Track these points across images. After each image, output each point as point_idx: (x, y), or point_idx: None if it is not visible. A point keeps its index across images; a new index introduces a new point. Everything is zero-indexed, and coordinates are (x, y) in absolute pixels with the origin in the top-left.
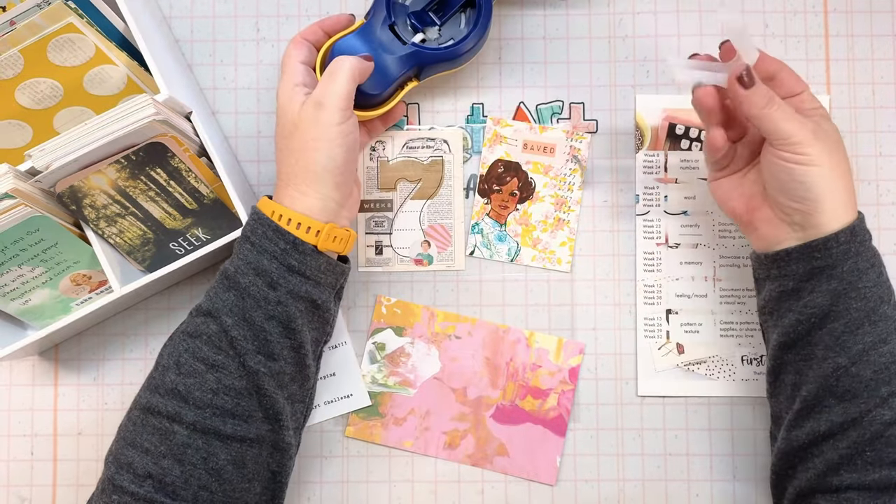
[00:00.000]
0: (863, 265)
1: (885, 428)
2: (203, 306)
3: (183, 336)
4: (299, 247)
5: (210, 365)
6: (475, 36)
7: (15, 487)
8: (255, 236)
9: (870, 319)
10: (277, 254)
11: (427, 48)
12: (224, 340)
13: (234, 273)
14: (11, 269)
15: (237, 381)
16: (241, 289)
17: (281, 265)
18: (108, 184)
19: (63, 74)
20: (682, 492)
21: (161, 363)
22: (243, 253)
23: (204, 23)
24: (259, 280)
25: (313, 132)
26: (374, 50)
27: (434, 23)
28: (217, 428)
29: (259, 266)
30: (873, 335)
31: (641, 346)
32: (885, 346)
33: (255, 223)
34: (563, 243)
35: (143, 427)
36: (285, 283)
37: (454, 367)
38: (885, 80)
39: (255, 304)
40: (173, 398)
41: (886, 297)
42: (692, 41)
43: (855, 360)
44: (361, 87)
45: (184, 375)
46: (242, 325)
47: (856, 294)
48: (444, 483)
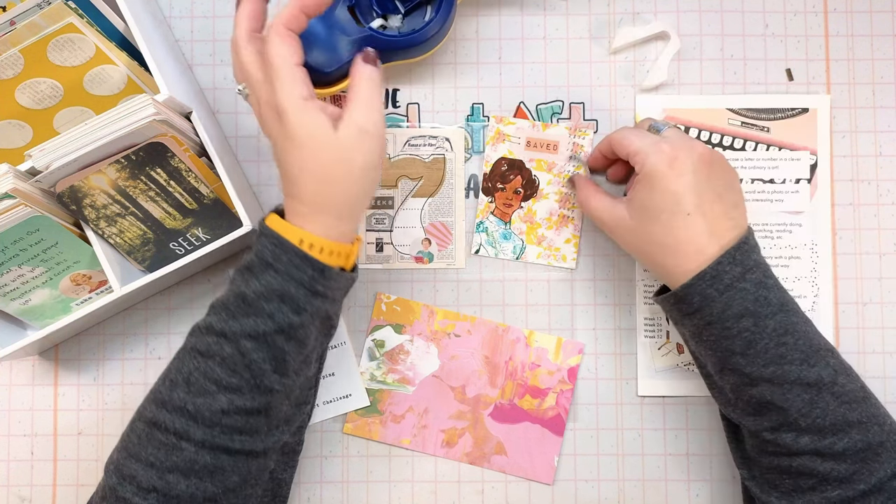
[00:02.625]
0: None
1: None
2: (216, 326)
3: (193, 353)
4: (326, 272)
5: (223, 387)
6: (431, 28)
7: (15, 487)
8: (279, 263)
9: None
10: (305, 281)
11: (381, 34)
12: (240, 363)
13: (255, 299)
14: (11, 268)
15: (249, 402)
16: (264, 314)
17: (308, 291)
18: (109, 184)
19: (63, 74)
20: (682, 492)
21: (169, 377)
22: (266, 279)
23: (204, 23)
24: (285, 306)
25: (361, 161)
26: (329, 28)
27: (398, 10)
28: (225, 445)
29: (286, 293)
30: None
31: (641, 346)
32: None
33: (277, 250)
34: (568, 240)
35: (148, 441)
36: (310, 307)
37: (453, 366)
38: (885, 80)
39: (279, 329)
40: (181, 416)
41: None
42: (692, 41)
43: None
44: (311, 64)
45: (193, 394)
46: (263, 349)
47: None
48: (444, 483)
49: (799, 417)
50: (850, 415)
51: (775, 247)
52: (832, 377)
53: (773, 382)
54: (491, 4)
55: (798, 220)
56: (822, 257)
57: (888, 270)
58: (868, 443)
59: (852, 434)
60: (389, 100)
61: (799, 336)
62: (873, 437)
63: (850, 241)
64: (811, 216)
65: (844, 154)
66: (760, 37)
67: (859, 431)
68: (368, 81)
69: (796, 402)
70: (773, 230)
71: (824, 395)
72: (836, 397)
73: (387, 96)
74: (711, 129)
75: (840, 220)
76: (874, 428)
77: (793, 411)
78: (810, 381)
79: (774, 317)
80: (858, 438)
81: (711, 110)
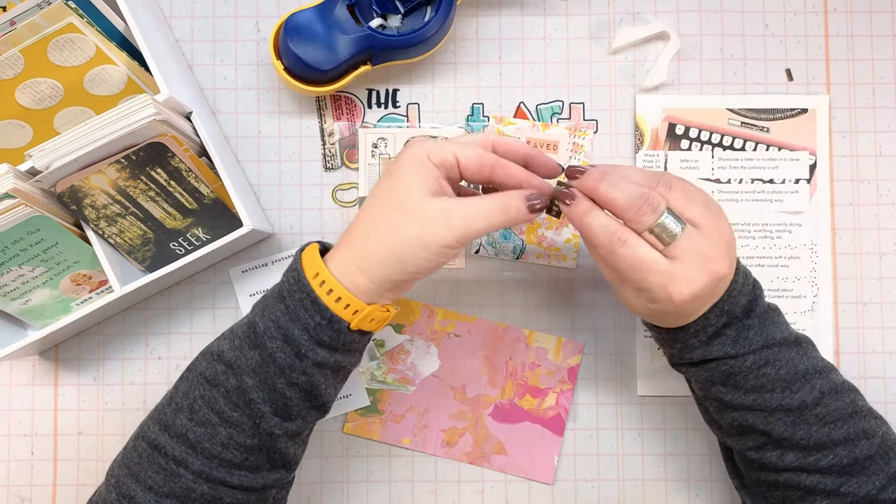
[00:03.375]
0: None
1: (779, 474)
2: (226, 355)
3: (201, 379)
4: (335, 325)
5: (224, 420)
6: (431, 28)
7: (15, 487)
8: (290, 300)
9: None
10: (310, 327)
11: (380, 33)
12: (242, 400)
13: (262, 333)
14: (12, 268)
15: (249, 439)
16: (267, 352)
17: (311, 338)
18: (109, 184)
19: (63, 74)
20: (682, 492)
21: (175, 400)
22: (275, 314)
23: (204, 23)
24: (287, 347)
25: (422, 233)
26: (328, 27)
27: (397, 10)
28: (223, 479)
29: (289, 334)
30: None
31: (641, 346)
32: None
33: (294, 283)
34: (569, 240)
35: (148, 463)
36: (314, 355)
37: (453, 365)
38: (885, 80)
39: (279, 371)
40: (182, 443)
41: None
42: (692, 41)
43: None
44: (309, 62)
45: (195, 423)
46: (262, 389)
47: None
48: (444, 483)
49: (782, 439)
50: (834, 433)
51: (775, 247)
52: (816, 399)
53: (754, 409)
54: (491, 4)
55: (798, 220)
56: (821, 257)
57: (888, 270)
58: (854, 458)
59: (837, 451)
60: (389, 99)
61: (780, 365)
62: (860, 452)
63: (849, 241)
64: (811, 216)
65: (844, 154)
66: (760, 37)
67: (845, 448)
68: (501, 206)
69: (778, 426)
70: (773, 230)
71: (807, 418)
72: (820, 419)
73: (387, 96)
74: (711, 129)
75: (840, 220)
76: (861, 443)
77: (775, 434)
78: (792, 407)
79: (755, 353)
80: (844, 454)
81: (711, 110)
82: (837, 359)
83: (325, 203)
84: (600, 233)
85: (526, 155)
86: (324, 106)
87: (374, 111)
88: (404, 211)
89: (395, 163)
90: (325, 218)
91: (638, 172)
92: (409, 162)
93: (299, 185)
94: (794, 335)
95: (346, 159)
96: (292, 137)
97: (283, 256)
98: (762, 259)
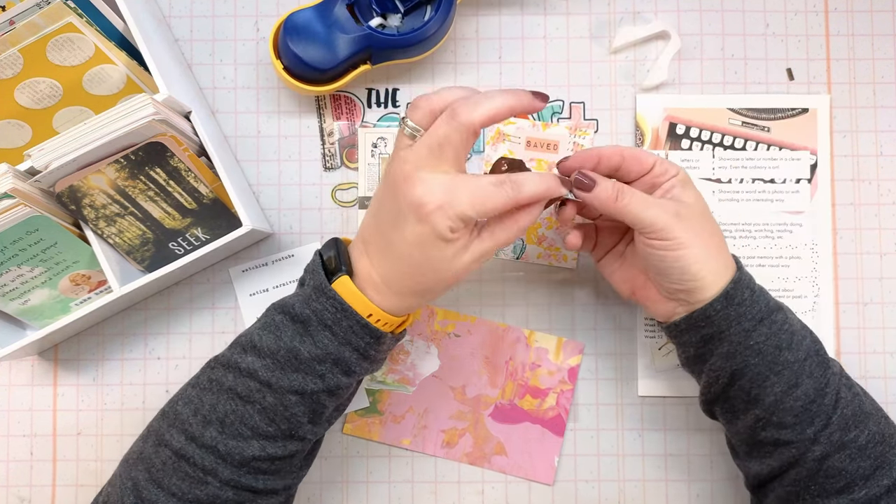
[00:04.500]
0: (748, 324)
1: (820, 463)
2: (261, 375)
3: (232, 395)
4: (381, 340)
5: (258, 434)
6: (431, 27)
7: (14, 487)
8: (338, 328)
9: (773, 370)
10: (361, 347)
11: (380, 33)
12: (281, 415)
13: (308, 359)
14: (11, 268)
15: (281, 450)
16: (314, 374)
17: (361, 356)
18: (108, 183)
19: (62, 74)
20: (682, 492)
21: (201, 412)
22: (322, 342)
23: (204, 22)
24: (336, 369)
25: (461, 265)
26: (328, 26)
27: (397, 9)
28: (250, 485)
29: (340, 357)
30: (781, 384)
31: (641, 346)
32: (796, 389)
33: (339, 314)
34: None
35: (174, 471)
36: (360, 369)
37: (453, 366)
38: (885, 80)
39: (326, 389)
40: (211, 454)
41: (786, 343)
42: (693, 40)
43: (773, 411)
44: (308, 61)
45: (227, 437)
46: (305, 404)
47: (750, 352)
48: (444, 483)
49: (832, 413)
50: (863, 405)
51: (775, 247)
52: (840, 370)
53: (815, 377)
54: (491, 4)
55: (798, 220)
56: (822, 257)
57: (889, 270)
58: (882, 434)
59: (870, 425)
60: (389, 99)
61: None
62: (885, 428)
63: (850, 240)
64: (811, 216)
65: (845, 154)
66: (761, 36)
67: (875, 423)
68: (520, 227)
69: (828, 403)
70: (774, 230)
71: (842, 391)
72: (849, 388)
73: (387, 96)
74: (712, 129)
75: (840, 220)
76: (882, 420)
77: (827, 409)
78: (837, 371)
79: (806, 340)
80: (875, 430)
81: (712, 110)
82: (838, 359)
83: (325, 203)
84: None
85: (509, 110)
86: (323, 105)
87: (373, 111)
88: (448, 269)
89: (423, 236)
90: (324, 218)
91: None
92: (437, 240)
93: (299, 185)
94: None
95: (345, 159)
96: (292, 137)
97: (283, 256)
98: (763, 259)
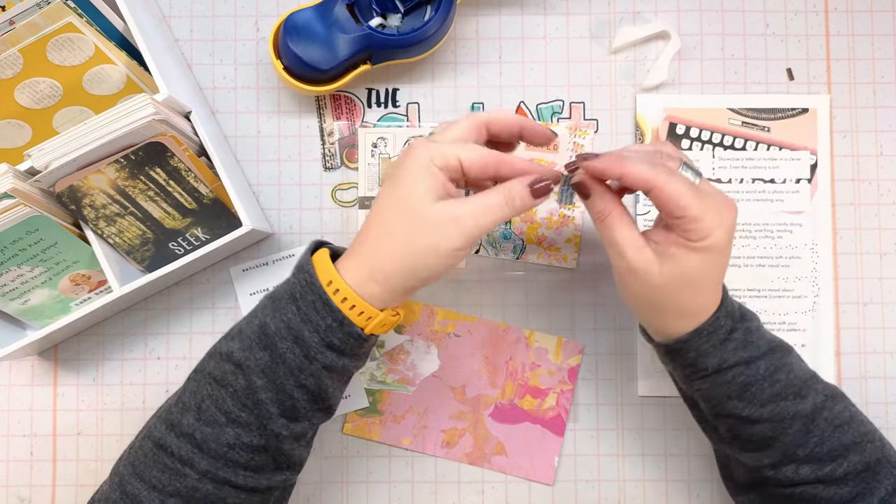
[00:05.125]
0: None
1: (791, 488)
2: (235, 355)
3: (209, 379)
4: (346, 328)
5: (232, 420)
6: (430, 27)
7: (14, 487)
8: (302, 301)
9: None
10: (321, 329)
11: (380, 33)
12: (250, 400)
13: (273, 333)
14: (11, 268)
15: (256, 439)
16: (276, 353)
17: (322, 340)
18: (108, 183)
19: (62, 74)
20: (682, 492)
21: (182, 399)
22: (287, 315)
23: (203, 22)
24: (297, 349)
25: (431, 240)
26: (328, 26)
27: (397, 9)
28: (228, 478)
29: (300, 335)
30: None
31: (641, 346)
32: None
33: (305, 286)
34: (569, 240)
35: (154, 462)
36: (322, 357)
37: (453, 366)
38: (885, 80)
39: (289, 372)
40: (188, 443)
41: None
42: (693, 40)
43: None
44: (308, 61)
45: (203, 423)
46: (271, 389)
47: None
48: (444, 483)
49: (797, 449)
50: (844, 438)
51: (775, 247)
52: (822, 403)
53: (771, 420)
54: (491, 4)
55: (798, 220)
56: (822, 257)
57: (889, 270)
58: (866, 462)
59: (850, 457)
60: (389, 99)
61: (789, 370)
62: (870, 456)
63: (850, 240)
64: (811, 216)
65: (845, 154)
66: (761, 36)
67: (856, 453)
68: (509, 194)
69: (795, 436)
70: (774, 230)
71: (819, 423)
72: (829, 422)
73: (387, 96)
74: (712, 129)
75: (840, 220)
76: (868, 446)
77: (792, 445)
78: (805, 413)
79: (764, 358)
80: (857, 460)
81: (712, 110)
82: (838, 359)
83: (325, 203)
84: (648, 168)
85: (520, 126)
86: (323, 105)
87: (373, 111)
88: (415, 220)
89: (399, 168)
90: (324, 217)
91: (640, 146)
92: (414, 169)
93: (299, 185)
94: (779, 339)
95: (345, 159)
96: (292, 137)
97: (284, 256)
98: (763, 259)
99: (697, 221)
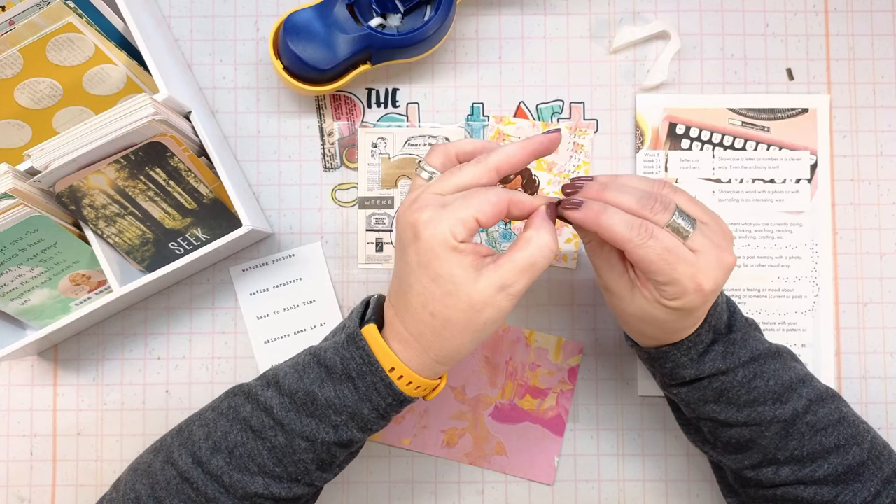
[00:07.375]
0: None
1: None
2: (276, 413)
3: (245, 427)
4: (405, 403)
5: (265, 472)
6: (430, 27)
7: (14, 487)
8: (360, 381)
9: None
10: (382, 408)
11: (380, 33)
12: (288, 459)
13: (325, 406)
14: (11, 268)
15: (285, 492)
16: (328, 424)
17: (380, 416)
18: (108, 183)
19: (62, 74)
20: (682, 492)
21: (213, 438)
22: (342, 393)
23: (203, 22)
24: (352, 424)
25: (487, 317)
26: (328, 26)
27: (397, 9)
28: None
29: (357, 412)
30: None
31: None
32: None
33: (363, 365)
34: (569, 240)
35: (176, 492)
36: (376, 426)
37: (453, 366)
38: (885, 80)
39: (339, 440)
40: (216, 483)
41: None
42: (692, 40)
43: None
44: (308, 61)
45: (233, 468)
46: (314, 451)
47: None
48: (443, 483)
49: (777, 452)
50: (826, 441)
51: (775, 247)
52: (805, 408)
53: (749, 424)
54: (491, 4)
55: (798, 220)
56: (822, 257)
57: (889, 270)
58: (848, 465)
59: (831, 459)
60: (389, 99)
61: (769, 377)
62: (853, 459)
63: (850, 240)
64: (811, 216)
65: (845, 154)
66: (761, 36)
67: (837, 455)
68: (539, 249)
69: (773, 439)
70: (774, 230)
71: (799, 427)
72: (811, 427)
73: (387, 96)
74: (712, 129)
75: (840, 220)
76: (853, 449)
77: (771, 447)
78: (784, 418)
79: (743, 367)
80: (838, 462)
81: (712, 110)
82: (838, 359)
83: (325, 203)
84: (624, 228)
85: (531, 155)
86: (323, 105)
87: (373, 111)
88: (468, 306)
89: (426, 253)
90: (324, 218)
91: (638, 179)
92: (442, 254)
93: (299, 185)
94: (774, 347)
95: (345, 159)
96: (291, 137)
97: (284, 256)
98: (763, 259)
99: (668, 285)
